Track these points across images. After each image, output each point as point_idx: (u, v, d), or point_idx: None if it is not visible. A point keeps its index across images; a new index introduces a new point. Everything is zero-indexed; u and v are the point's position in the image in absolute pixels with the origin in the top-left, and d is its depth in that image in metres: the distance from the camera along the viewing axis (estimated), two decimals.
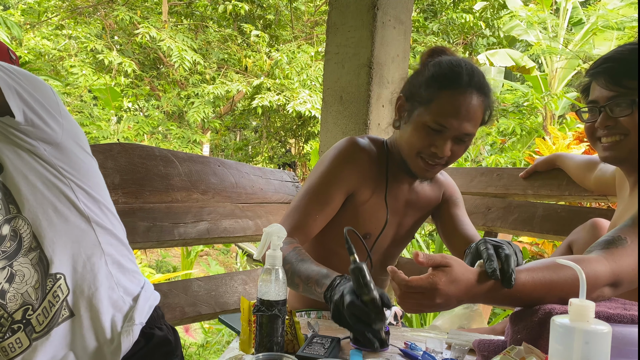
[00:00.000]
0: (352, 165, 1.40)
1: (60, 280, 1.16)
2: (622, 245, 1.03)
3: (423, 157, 1.33)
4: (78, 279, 1.18)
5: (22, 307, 1.13)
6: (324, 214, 1.38)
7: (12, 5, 10.38)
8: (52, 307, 1.15)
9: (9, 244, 1.12)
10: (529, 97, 7.89)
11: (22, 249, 1.13)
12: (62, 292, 1.16)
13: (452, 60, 1.32)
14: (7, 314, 1.12)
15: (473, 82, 1.28)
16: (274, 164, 10.48)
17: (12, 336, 1.12)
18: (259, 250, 1.08)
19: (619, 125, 1.18)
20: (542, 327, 0.90)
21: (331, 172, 1.40)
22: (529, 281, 0.93)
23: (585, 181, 1.75)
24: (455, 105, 1.26)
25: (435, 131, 1.29)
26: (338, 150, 1.43)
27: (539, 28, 8.61)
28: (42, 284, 1.14)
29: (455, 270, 0.90)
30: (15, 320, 1.12)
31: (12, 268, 1.12)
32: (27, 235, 1.13)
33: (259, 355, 0.89)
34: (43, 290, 1.14)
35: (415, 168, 1.37)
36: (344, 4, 2.25)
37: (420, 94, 1.31)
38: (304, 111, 8.04)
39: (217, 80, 8.82)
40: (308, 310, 1.51)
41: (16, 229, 1.12)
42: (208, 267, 5.65)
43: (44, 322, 1.14)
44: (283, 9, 10.04)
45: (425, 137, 1.30)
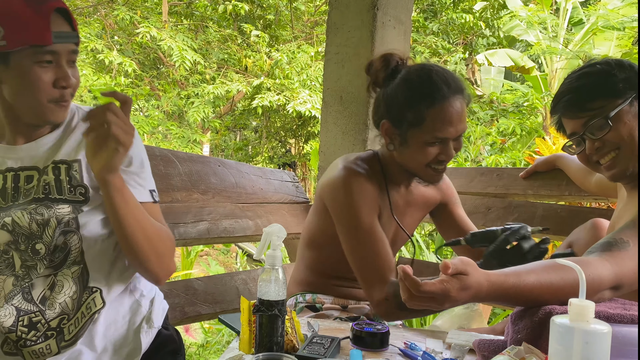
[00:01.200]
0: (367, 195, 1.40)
1: (95, 293, 1.19)
2: (624, 249, 1.03)
3: (431, 167, 1.37)
4: (111, 291, 1.21)
5: (59, 316, 1.16)
6: (386, 244, 1.39)
7: None
8: (83, 317, 1.18)
9: (58, 255, 1.16)
10: (529, 97, 7.89)
11: (67, 261, 1.17)
12: (95, 305, 1.19)
13: (420, 73, 1.35)
14: (45, 320, 1.15)
15: (450, 87, 1.32)
16: (274, 164, 10.48)
17: (44, 342, 1.15)
18: (259, 250, 1.08)
19: (608, 143, 1.20)
20: (542, 327, 0.90)
21: (359, 208, 1.38)
22: (537, 285, 0.93)
23: (585, 183, 1.74)
24: (447, 116, 1.31)
25: (437, 143, 1.33)
26: (348, 187, 1.40)
27: (539, 28, 8.61)
28: (79, 296, 1.17)
29: (470, 278, 0.89)
30: (50, 327, 1.15)
31: (55, 277, 1.16)
32: (76, 249, 1.17)
33: (259, 355, 0.89)
34: (79, 301, 1.18)
35: (426, 177, 1.42)
36: (344, 4, 2.25)
37: (405, 116, 1.33)
38: (304, 111, 8.03)
39: (217, 80, 8.81)
40: (303, 293, 1.52)
41: (67, 242, 1.16)
42: (208, 267, 5.65)
43: (73, 332, 1.17)
44: (283, 9, 10.04)
45: (429, 151, 1.34)
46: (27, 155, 1.18)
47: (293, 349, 1.05)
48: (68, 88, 1.13)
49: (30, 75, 1.09)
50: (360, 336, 1.08)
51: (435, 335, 1.19)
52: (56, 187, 1.16)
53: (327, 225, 1.46)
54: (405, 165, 1.42)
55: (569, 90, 1.23)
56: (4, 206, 1.15)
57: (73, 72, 1.14)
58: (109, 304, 1.21)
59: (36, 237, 1.14)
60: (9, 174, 1.16)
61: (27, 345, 1.14)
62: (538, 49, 8.20)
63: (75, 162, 1.18)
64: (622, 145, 1.19)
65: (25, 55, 1.08)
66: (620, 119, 1.17)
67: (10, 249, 1.14)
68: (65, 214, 1.15)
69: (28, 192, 1.16)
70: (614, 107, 1.17)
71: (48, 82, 1.11)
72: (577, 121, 1.22)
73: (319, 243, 1.52)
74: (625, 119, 1.17)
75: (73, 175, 1.17)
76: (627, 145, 1.18)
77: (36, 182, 1.16)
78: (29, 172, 1.17)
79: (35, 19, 1.06)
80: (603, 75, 1.19)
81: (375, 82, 1.43)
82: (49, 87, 1.11)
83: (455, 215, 1.63)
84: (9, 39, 1.06)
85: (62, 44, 1.10)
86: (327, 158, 2.33)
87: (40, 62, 1.09)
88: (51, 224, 1.14)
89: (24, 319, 1.14)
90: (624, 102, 1.17)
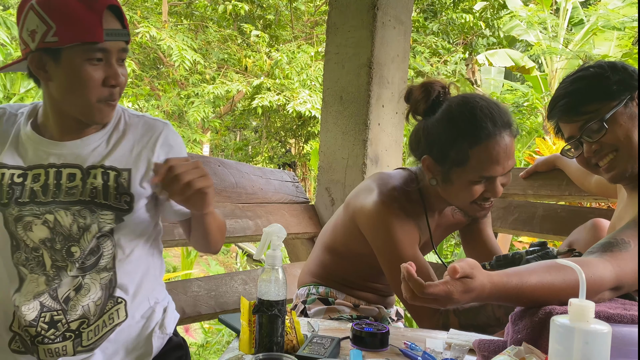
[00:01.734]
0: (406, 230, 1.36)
1: (120, 304, 1.20)
2: (625, 249, 1.03)
3: (477, 204, 1.32)
4: (134, 303, 1.22)
5: (80, 319, 1.16)
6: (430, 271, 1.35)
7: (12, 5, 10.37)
8: (104, 327, 1.18)
9: (90, 258, 1.16)
10: (529, 97, 7.89)
11: (97, 265, 1.17)
12: (118, 317, 1.19)
13: (463, 109, 1.27)
14: (66, 320, 1.15)
15: (496, 123, 1.25)
16: (274, 164, 10.48)
17: (62, 342, 1.15)
18: (259, 250, 1.08)
19: (605, 145, 1.20)
20: (542, 327, 0.90)
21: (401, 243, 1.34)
22: (539, 286, 0.93)
23: (585, 184, 1.74)
24: (494, 155, 1.24)
25: (482, 181, 1.28)
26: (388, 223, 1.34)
27: (539, 28, 8.61)
28: (103, 303, 1.17)
29: (474, 281, 0.90)
30: (70, 329, 1.15)
31: (82, 279, 1.16)
32: (108, 255, 1.18)
33: (259, 355, 0.89)
34: (102, 309, 1.17)
35: (472, 213, 1.37)
36: (344, 4, 2.25)
37: (448, 155, 1.27)
38: (304, 111, 8.04)
39: (217, 80, 8.81)
40: (317, 285, 1.52)
41: (100, 246, 1.16)
42: (208, 267, 5.66)
43: (92, 339, 1.17)
44: (283, 9, 10.03)
45: (475, 190, 1.28)
46: (71, 152, 1.16)
47: (293, 349, 1.04)
48: (117, 87, 1.12)
49: (81, 72, 1.08)
50: (360, 336, 1.08)
51: (435, 335, 1.19)
52: (103, 193, 1.15)
53: (355, 244, 1.45)
54: (449, 200, 1.36)
55: (564, 94, 1.23)
56: (44, 202, 1.14)
57: (122, 70, 1.13)
58: (130, 316, 1.21)
59: (74, 239, 1.14)
60: (51, 170, 1.15)
61: (44, 342, 1.13)
62: (538, 49, 8.20)
63: (125, 171, 1.18)
64: (619, 147, 1.19)
65: (76, 52, 1.06)
66: (616, 120, 1.17)
67: (42, 247, 1.14)
68: (107, 221, 1.15)
69: (70, 191, 1.15)
70: (609, 109, 1.17)
71: (98, 81, 1.09)
72: (573, 125, 1.22)
73: (340, 252, 1.52)
74: (620, 120, 1.17)
75: (121, 183, 1.17)
76: (625, 146, 1.18)
77: (79, 182, 1.15)
78: (72, 170, 1.15)
79: (88, 16, 1.05)
80: (597, 78, 1.20)
81: (415, 112, 1.36)
82: (99, 86, 1.10)
83: (484, 235, 1.59)
84: (60, 35, 1.04)
85: (113, 42, 1.09)
86: (327, 158, 2.33)
87: (91, 60, 1.08)
88: (92, 229, 1.14)
89: (46, 316, 1.13)
90: (619, 104, 1.17)
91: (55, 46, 1.05)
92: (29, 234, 1.13)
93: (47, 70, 1.10)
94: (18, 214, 1.13)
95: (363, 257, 1.45)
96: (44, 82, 1.13)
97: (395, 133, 2.32)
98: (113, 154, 1.18)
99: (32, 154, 1.16)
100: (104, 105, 1.13)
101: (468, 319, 1.28)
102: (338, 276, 1.54)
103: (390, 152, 2.31)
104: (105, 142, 1.19)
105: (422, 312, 1.33)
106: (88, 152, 1.17)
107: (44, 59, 1.09)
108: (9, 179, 1.14)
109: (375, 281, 1.55)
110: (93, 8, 1.05)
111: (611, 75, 1.18)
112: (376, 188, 1.39)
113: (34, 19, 1.06)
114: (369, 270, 1.50)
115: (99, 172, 1.15)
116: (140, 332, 1.24)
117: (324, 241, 1.57)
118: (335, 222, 1.55)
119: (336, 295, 1.52)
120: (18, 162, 1.15)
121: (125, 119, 1.24)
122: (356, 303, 1.53)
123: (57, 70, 1.09)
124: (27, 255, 1.14)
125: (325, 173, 2.34)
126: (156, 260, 1.30)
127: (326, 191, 2.33)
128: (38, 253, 1.14)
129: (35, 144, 1.17)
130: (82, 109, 1.12)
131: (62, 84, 1.10)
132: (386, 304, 1.61)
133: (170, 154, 1.23)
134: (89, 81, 1.08)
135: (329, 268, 1.55)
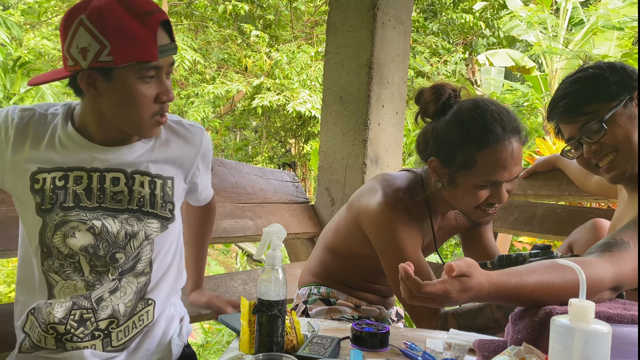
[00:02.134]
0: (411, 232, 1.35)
1: (150, 306, 1.21)
2: (625, 249, 1.03)
3: (481, 209, 1.32)
4: (161, 305, 1.23)
5: (109, 318, 1.16)
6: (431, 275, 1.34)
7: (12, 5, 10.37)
8: (134, 328, 1.19)
9: (129, 262, 1.17)
10: (529, 97, 7.89)
11: (135, 269, 1.18)
12: (147, 318, 1.20)
13: (473, 112, 1.26)
14: (95, 319, 1.14)
15: (505, 128, 1.24)
16: (274, 164, 10.48)
17: (90, 341, 1.14)
18: (259, 250, 1.08)
19: (605, 146, 1.20)
20: (542, 327, 0.90)
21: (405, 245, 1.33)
22: (538, 286, 0.93)
23: (586, 184, 1.74)
24: (501, 160, 1.24)
25: (488, 186, 1.27)
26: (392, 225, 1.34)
27: (539, 28, 8.61)
28: (133, 304, 1.18)
29: (472, 280, 0.89)
30: (98, 328, 1.15)
31: (119, 282, 1.16)
32: (146, 259, 1.19)
33: (259, 355, 0.89)
34: (132, 310, 1.18)
35: (475, 218, 1.36)
36: (344, 4, 2.25)
37: (455, 157, 1.26)
38: (304, 111, 8.04)
39: (217, 80, 8.82)
40: (318, 285, 1.53)
41: (140, 251, 1.17)
42: (208, 267, 5.65)
43: (122, 340, 1.17)
44: (283, 9, 10.04)
45: (480, 194, 1.27)
46: (115, 157, 1.15)
47: (293, 349, 1.04)
48: (168, 102, 1.12)
49: (134, 91, 1.06)
50: (360, 336, 1.08)
51: (435, 335, 1.19)
52: (150, 201, 1.16)
53: (357, 245, 1.45)
54: (453, 204, 1.36)
55: (563, 95, 1.23)
56: (90, 207, 1.13)
57: (169, 83, 1.12)
58: (157, 318, 1.22)
59: (119, 246, 1.14)
60: (94, 174, 1.14)
61: (73, 340, 1.13)
62: (538, 49, 8.20)
63: (169, 179, 1.20)
64: (619, 148, 1.19)
65: (129, 71, 1.04)
66: (615, 121, 1.17)
67: (80, 254, 1.13)
68: (153, 230, 1.17)
69: (115, 196, 1.14)
70: (609, 109, 1.17)
71: (150, 98, 1.08)
72: (573, 126, 1.22)
73: (342, 253, 1.52)
74: (620, 121, 1.17)
75: (166, 192, 1.18)
76: (625, 147, 1.18)
77: (124, 187, 1.15)
78: (115, 174, 1.15)
79: (143, 34, 1.01)
80: (596, 79, 1.20)
81: (425, 113, 1.35)
82: (151, 103, 1.08)
83: (484, 238, 1.59)
84: (115, 54, 1.01)
85: (164, 58, 1.07)
86: (327, 158, 2.33)
87: (144, 78, 1.06)
88: (139, 237, 1.15)
89: (76, 314, 1.13)
90: (618, 105, 1.17)
91: (110, 66, 1.02)
92: (69, 240, 1.12)
93: (97, 87, 1.07)
94: (62, 219, 1.11)
95: (365, 259, 1.45)
96: (92, 97, 1.10)
97: (395, 133, 2.32)
98: (158, 161, 1.19)
99: (73, 155, 1.14)
100: (155, 121, 1.12)
101: (467, 321, 1.28)
102: (339, 276, 1.54)
103: (390, 152, 2.31)
104: (149, 149, 1.19)
105: (421, 314, 1.33)
106: (133, 158, 1.17)
107: (94, 76, 1.05)
108: (51, 184, 1.11)
109: (376, 282, 1.55)
110: (147, 25, 1.02)
111: (610, 75, 1.18)
112: (380, 189, 1.38)
113: (85, 36, 1.01)
114: (371, 272, 1.50)
115: (146, 180, 1.16)
116: (162, 336, 1.25)
117: (326, 241, 1.57)
118: (337, 222, 1.55)
119: (337, 296, 1.52)
120: (57, 164, 1.13)
121: (166, 124, 1.24)
122: (357, 304, 1.53)
123: (109, 88, 1.06)
124: (60, 262, 1.13)
125: (325, 173, 2.34)
126: (179, 265, 1.31)
127: (326, 191, 2.33)
128: (74, 260, 1.13)
129: (77, 145, 1.14)
130: (133, 124, 1.11)
131: (113, 101, 1.08)
132: (387, 304, 1.61)
133: (205, 161, 1.30)
134: (142, 99, 1.07)
135: (330, 268, 1.55)
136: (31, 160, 1.12)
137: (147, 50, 1.02)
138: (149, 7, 1.03)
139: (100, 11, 1.01)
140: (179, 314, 1.32)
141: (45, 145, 1.13)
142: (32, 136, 1.13)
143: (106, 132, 1.14)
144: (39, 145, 1.13)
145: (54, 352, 1.14)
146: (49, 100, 6.95)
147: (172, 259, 1.26)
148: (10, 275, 4.02)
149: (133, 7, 1.02)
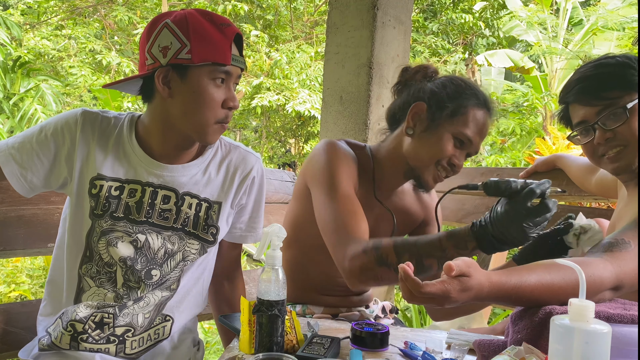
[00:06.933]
0: (346, 163, 1.36)
1: (168, 322, 1.22)
2: (625, 249, 1.03)
3: (441, 166, 1.33)
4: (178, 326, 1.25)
5: (126, 325, 1.17)
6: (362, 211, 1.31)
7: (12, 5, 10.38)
8: (149, 340, 1.20)
9: (162, 280, 1.20)
10: (529, 97, 7.89)
11: (162, 285, 1.20)
12: (163, 333, 1.22)
13: (468, 80, 1.40)
14: (113, 324, 1.16)
15: (494, 110, 1.38)
16: (274, 164, 10.48)
17: (105, 345, 1.15)
18: (259, 250, 1.08)
19: (618, 137, 1.18)
20: (542, 327, 0.90)
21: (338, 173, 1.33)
22: (538, 286, 0.93)
23: (586, 184, 1.74)
24: (481, 123, 1.33)
25: (460, 143, 1.32)
26: (329, 153, 1.37)
27: (539, 28, 8.62)
28: (151, 317, 1.20)
29: (471, 280, 0.89)
30: (114, 333, 1.16)
31: (145, 295, 1.19)
32: (175, 277, 1.21)
33: (259, 355, 0.89)
34: (150, 322, 1.20)
35: (427, 176, 1.35)
36: (344, 4, 2.25)
37: (446, 105, 1.32)
38: (304, 111, 8.04)
39: None
40: (294, 304, 1.49)
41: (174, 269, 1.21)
42: None
43: (135, 349, 1.18)
44: (283, 9, 10.04)
45: (450, 147, 1.32)
46: (170, 175, 1.19)
47: (293, 349, 1.04)
48: (233, 109, 1.16)
49: (205, 91, 1.11)
50: (360, 336, 1.08)
51: (435, 335, 1.19)
52: (193, 222, 1.20)
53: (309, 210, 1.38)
54: (413, 156, 1.35)
55: (584, 77, 1.21)
56: (137, 220, 1.17)
57: (235, 93, 1.18)
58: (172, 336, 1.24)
59: (157, 263, 1.17)
60: (147, 189, 1.18)
61: (88, 341, 1.14)
62: (538, 49, 8.21)
63: (216, 204, 1.23)
64: (630, 141, 1.17)
65: (203, 71, 1.10)
66: (635, 112, 1.15)
67: (119, 265, 1.15)
68: (192, 251, 1.20)
69: (163, 214, 1.18)
70: (631, 99, 1.15)
71: (218, 101, 1.13)
72: (589, 109, 1.19)
73: (297, 242, 1.46)
74: (638, 113, 1.16)
75: (211, 215, 1.22)
76: (636, 141, 1.17)
77: (173, 206, 1.19)
78: (167, 192, 1.19)
79: (220, 40, 1.10)
80: (623, 67, 1.17)
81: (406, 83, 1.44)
82: (218, 107, 1.13)
83: None
84: (194, 53, 1.08)
85: (234, 67, 1.13)
86: None
87: (215, 80, 1.11)
88: (176, 257, 1.19)
89: (97, 315, 1.15)
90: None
91: (187, 63, 1.08)
92: (111, 249, 1.15)
93: (171, 86, 1.12)
94: (109, 227, 1.15)
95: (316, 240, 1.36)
96: (162, 99, 1.14)
97: None
98: (209, 185, 1.23)
99: (133, 169, 1.18)
100: (218, 127, 1.16)
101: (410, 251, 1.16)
102: (304, 281, 1.49)
103: None
104: (202, 170, 1.23)
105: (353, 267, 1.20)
106: (186, 179, 1.21)
107: (170, 74, 1.11)
108: (107, 192, 1.16)
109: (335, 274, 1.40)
110: (224, 33, 1.11)
111: (637, 67, 1.16)
112: (322, 140, 1.44)
113: (168, 36, 1.09)
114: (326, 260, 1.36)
115: (194, 202, 1.20)
116: (172, 353, 1.25)
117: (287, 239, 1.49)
118: (288, 209, 1.52)
119: (313, 311, 1.48)
120: (117, 174, 1.17)
121: (222, 148, 1.28)
122: (335, 312, 1.49)
123: (182, 87, 1.11)
124: (98, 269, 1.16)
125: None
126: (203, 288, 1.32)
127: None
128: (111, 269, 1.16)
129: (139, 159, 1.19)
130: (198, 127, 1.14)
131: (184, 101, 1.12)
132: (363, 302, 1.56)
133: (254, 193, 1.31)
134: (211, 101, 1.12)
135: (294, 274, 1.48)
136: (95, 163, 1.16)
137: (222, 53, 1.10)
138: (226, 21, 1.14)
139: (184, 16, 1.11)
140: (195, 340, 1.34)
141: (111, 151, 1.18)
142: (97, 138, 1.18)
143: (168, 142, 1.18)
144: (104, 150, 1.18)
145: (66, 353, 1.15)
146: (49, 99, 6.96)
147: (197, 281, 1.28)
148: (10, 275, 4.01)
149: (213, 18, 1.12)
